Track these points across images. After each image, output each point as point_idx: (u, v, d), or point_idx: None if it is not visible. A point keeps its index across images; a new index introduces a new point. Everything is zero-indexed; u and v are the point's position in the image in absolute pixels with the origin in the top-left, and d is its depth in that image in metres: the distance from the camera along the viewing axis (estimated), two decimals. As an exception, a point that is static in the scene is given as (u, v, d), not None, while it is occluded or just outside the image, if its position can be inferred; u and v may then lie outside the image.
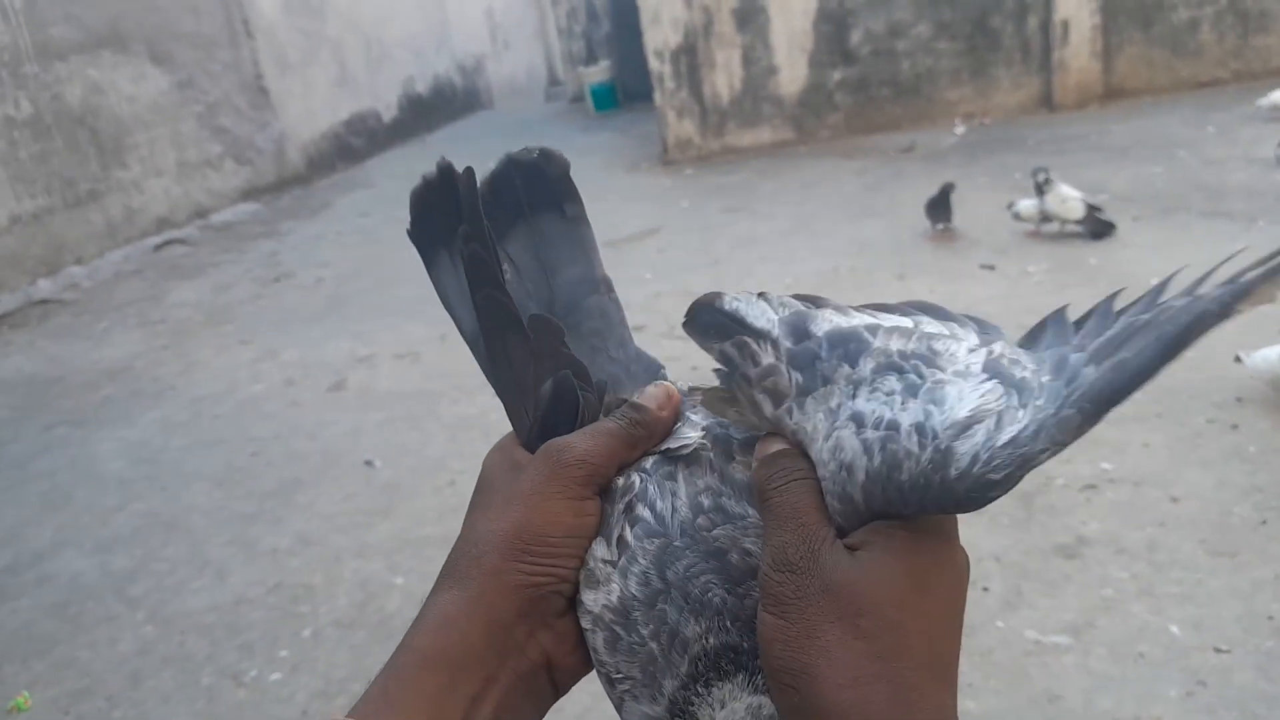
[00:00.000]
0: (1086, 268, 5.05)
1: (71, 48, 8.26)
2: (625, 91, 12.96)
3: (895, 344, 0.54)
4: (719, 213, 7.32)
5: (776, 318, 0.57)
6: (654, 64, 9.23)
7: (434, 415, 4.53)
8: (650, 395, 0.59)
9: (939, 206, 5.75)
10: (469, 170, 0.64)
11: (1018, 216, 5.63)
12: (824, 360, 0.53)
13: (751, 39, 9.13)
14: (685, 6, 9.03)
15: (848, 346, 0.54)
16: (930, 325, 0.58)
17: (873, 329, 0.55)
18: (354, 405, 4.82)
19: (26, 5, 7.82)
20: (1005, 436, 0.47)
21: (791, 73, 9.20)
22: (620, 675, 0.55)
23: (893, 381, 0.52)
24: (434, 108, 14.55)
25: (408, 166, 11.48)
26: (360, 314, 6.19)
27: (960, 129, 8.73)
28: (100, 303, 7.40)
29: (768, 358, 0.55)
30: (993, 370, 0.52)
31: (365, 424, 4.57)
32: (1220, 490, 3.06)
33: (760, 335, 0.56)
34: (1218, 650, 2.42)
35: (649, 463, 0.58)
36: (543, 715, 0.58)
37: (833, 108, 9.27)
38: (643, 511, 0.56)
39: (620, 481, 0.58)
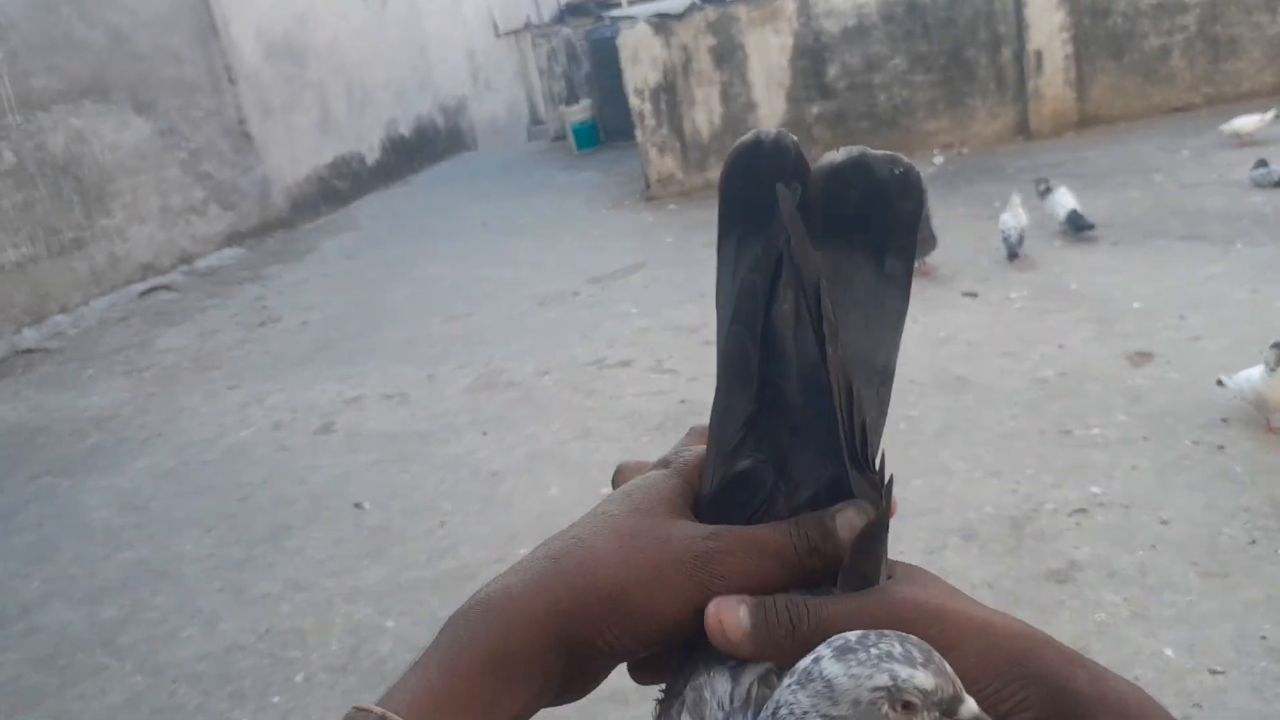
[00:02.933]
0: (1068, 293, 5.09)
1: (54, 97, 8.29)
2: (606, 130, 13.05)
3: None
4: (703, 247, 7.36)
5: None
6: (634, 102, 9.32)
7: (423, 456, 4.52)
8: (845, 523, 0.50)
9: (925, 240, 5.69)
10: (793, 186, 0.53)
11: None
12: None
13: (730, 76, 9.23)
14: (664, 45, 9.14)
15: None
16: None
17: None
18: (342, 448, 4.80)
19: (8, 56, 7.86)
20: None
21: (770, 108, 9.29)
22: None
23: None
24: (417, 149, 14.62)
25: (392, 208, 11.54)
26: (347, 356, 6.19)
27: (939, 159, 8.82)
28: (86, 351, 7.37)
29: None
30: None
31: (354, 466, 4.55)
32: (1209, 511, 3.07)
33: None
34: (1212, 672, 2.43)
35: None
36: None
37: (811, 141, 9.35)
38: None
39: None
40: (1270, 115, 7.10)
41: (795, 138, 0.56)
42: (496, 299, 6.85)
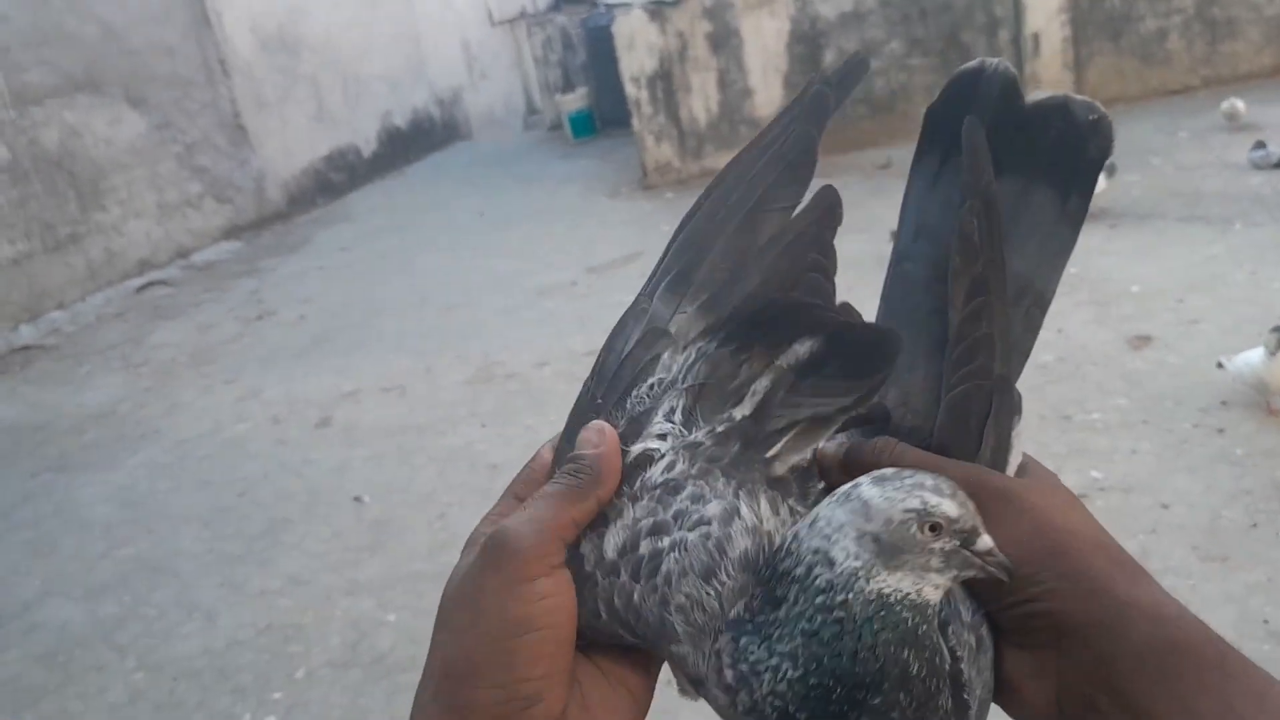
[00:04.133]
0: (1067, 276, 5.04)
1: (47, 92, 8.25)
2: (603, 118, 13.01)
3: None
4: (700, 235, 7.33)
5: None
6: (630, 90, 9.28)
7: (421, 449, 4.51)
8: (582, 440, 0.57)
9: None
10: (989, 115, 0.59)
11: None
12: None
13: (726, 62, 9.19)
14: (659, 32, 9.10)
15: None
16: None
17: None
18: (341, 441, 4.79)
19: (0, 52, 7.82)
20: None
21: (767, 94, 9.25)
22: None
23: None
24: (413, 140, 14.57)
25: (388, 200, 11.50)
26: (344, 349, 6.17)
27: (936, 144, 8.78)
28: (82, 347, 7.36)
29: None
30: None
31: (352, 460, 4.54)
32: (1209, 495, 3.06)
33: None
34: (1214, 656, 2.42)
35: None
36: None
37: (810, 127, 9.32)
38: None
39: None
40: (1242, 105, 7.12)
41: (1015, 71, 0.61)
42: (493, 290, 6.83)
